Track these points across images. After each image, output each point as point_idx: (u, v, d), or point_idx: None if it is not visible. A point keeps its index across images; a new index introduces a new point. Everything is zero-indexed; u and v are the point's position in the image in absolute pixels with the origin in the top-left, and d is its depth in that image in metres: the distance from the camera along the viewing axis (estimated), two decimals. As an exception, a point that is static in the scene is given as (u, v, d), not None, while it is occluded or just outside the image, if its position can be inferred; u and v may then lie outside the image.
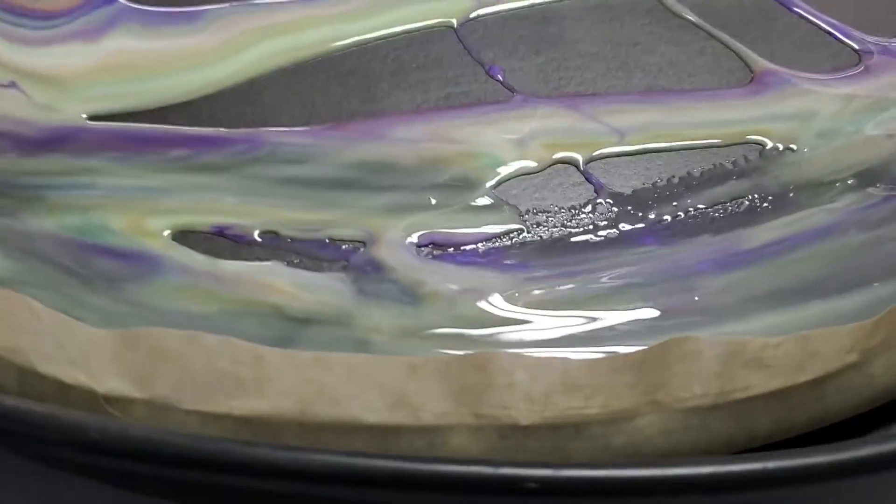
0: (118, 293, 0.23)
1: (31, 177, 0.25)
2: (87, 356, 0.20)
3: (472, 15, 0.31)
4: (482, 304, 0.23)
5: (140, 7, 0.30)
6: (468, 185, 0.26)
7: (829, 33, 0.32)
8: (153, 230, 0.24)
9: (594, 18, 0.32)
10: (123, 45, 0.29)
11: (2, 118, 0.27)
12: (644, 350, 0.21)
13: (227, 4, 0.30)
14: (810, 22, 0.32)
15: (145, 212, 0.25)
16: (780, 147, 0.28)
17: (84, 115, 0.27)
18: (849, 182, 0.27)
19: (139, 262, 0.24)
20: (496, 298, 0.24)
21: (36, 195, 0.25)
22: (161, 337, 0.20)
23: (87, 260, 0.24)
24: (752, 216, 0.26)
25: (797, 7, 0.33)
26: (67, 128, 0.27)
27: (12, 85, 0.28)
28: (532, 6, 0.32)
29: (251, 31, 0.30)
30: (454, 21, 0.31)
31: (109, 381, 0.20)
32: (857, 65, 0.31)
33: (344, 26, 0.30)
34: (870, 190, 0.27)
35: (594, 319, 0.23)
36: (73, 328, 0.20)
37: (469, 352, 0.21)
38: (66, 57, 0.28)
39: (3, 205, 0.25)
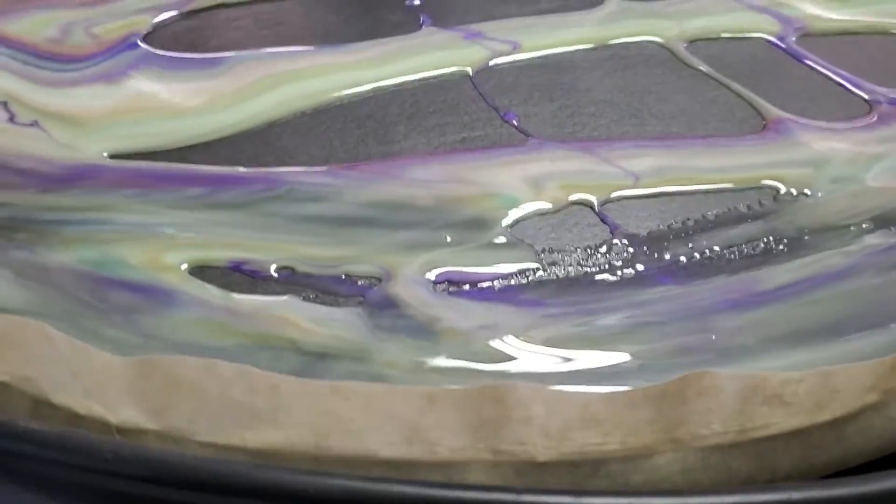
0: (134, 326, 0.23)
1: (50, 212, 0.26)
2: (101, 386, 0.20)
3: (489, 64, 0.32)
4: (498, 341, 0.23)
5: (162, 52, 0.31)
6: (484, 224, 0.26)
7: (840, 84, 0.32)
8: (170, 264, 0.24)
9: (607, 68, 0.32)
10: (144, 87, 0.30)
11: (23, 156, 0.27)
12: (663, 385, 0.20)
13: (246, 51, 0.31)
14: (821, 73, 0.33)
15: (163, 247, 0.25)
16: (795, 192, 0.28)
17: (105, 154, 0.27)
18: (864, 226, 0.27)
19: (155, 296, 0.24)
20: (512, 335, 0.23)
21: (54, 230, 0.25)
22: (176, 365, 0.20)
23: (103, 293, 0.24)
24: (767, 258, 0.26)
25: (808, 59, 0.33)
26: (87, 166, 0.27)
27: (34, 124, 0.28)
28: (546, 56, 0.33)
29: (271, 76, 0.31)
30: (470, 69, 0.32)
31: (123, 412, 0.20)
32: (868, 114, 0.31)
33: (362, 73, 0.31)
34: (885, 234, 0.27)
35: (612, 357, 0.23)
36: (89, 356, 0.20)
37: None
38: (88, 98, 0.29)
39: (22, 238, 0.25)
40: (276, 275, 0.25)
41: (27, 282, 0.24)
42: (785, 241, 0.27)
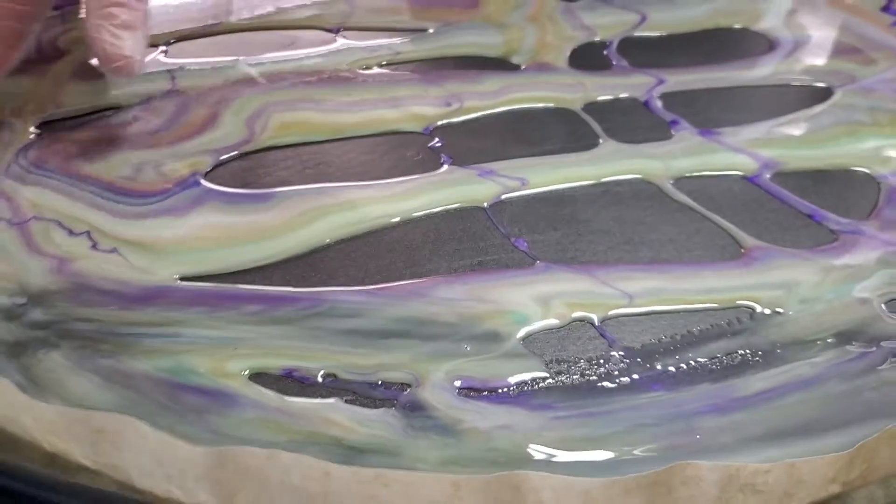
0: (204, 424, 0.27)
1: (129, 326, 0.30)
2: (182, 473, 0.24)
3: (501, 197, 0.36)
4: (514, 439, 0.27)
5: (221, 189, 0.36)
6: (499, 337, 0.30)
7: (808, 216, 0.37)
8: (233, 372, 0.28)
9: (604, 202, 0.37)
10: (208, 219, 0.34)
11: (105, 279, 0.32)
12: (653, 473, 0.24)
13: (293, 187, 0.36)
14: (791, 206, 0.37)
15: (226, 356, 0.29)
16: (768, 311, 0.32)
17: (175, 277, 0.32)
18: (829, 341, 0.31)
19: (221, 399, 0.28)
20: (526, 434, 0.27)
21: (134, 342, 0.29)
22: (245, 455, 0.24)
23: (177, 396, 0.28)
24: (744, 368, 0.30)
25: (780, 193, 0.38)
26: (160, 287, 0.31)
27: (114, 251, 0.33)
28: (550, 191, 0.37)
29: (314, 209, 0.35)
30: (485, 202, 0.36)
31: (199, 496, 0.24)
32: (833, 242, 0.35)
33: (392, 205, 0.36)
34: (847, 347, 0.31)
35: (610, 454, 0.27)
36: (174, 447, 0.24)
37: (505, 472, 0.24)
38: (160, 229, 0.34)
39: (107, 349, 0.29)
40: (322, 380, 0.29)
41: (113, 386, 0.28)
42: (760, 353, 0.30)
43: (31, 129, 0.38)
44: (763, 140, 0.41)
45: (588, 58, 0.46)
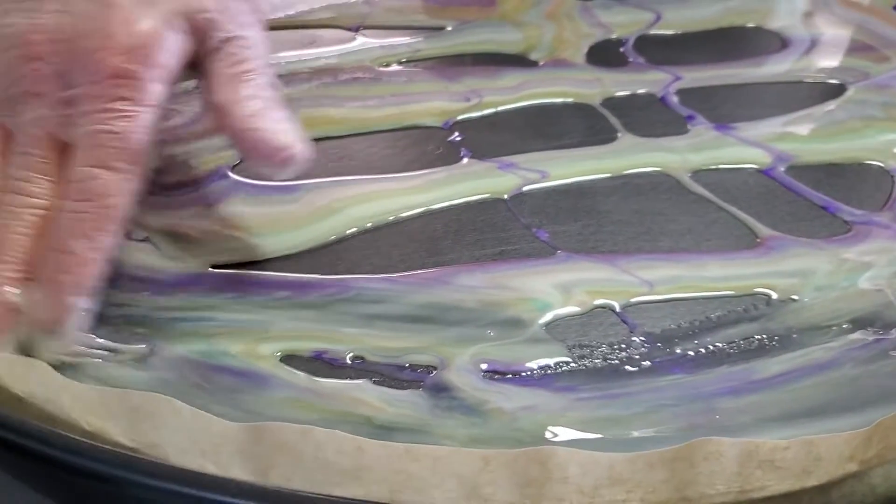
0: (236, 403, 0.28)
1: (163, 311, 0.31)
2: (217, 449, 0.25)
3: (522, 189, 0.37)
4: (538, 419, 0.28)
5: (249, 181, 0.37)
6: (522, 323, 0.31)
7: (822, 207, 0.37)
8: (264, 354, 0.29)
9: (623, 194, 0.37)
10: (236, 210, 0.35)
11: (138, 266, 0.32)
12: (675, 448, 0.25)
13: (318, 180, 0.37)
14: (806, 198, 0.38)
15: (258, 339, 0.30)
16: (784, 298, 0.33)
17: (207, 264, 0.33)
18: (844, 326, 0.31)
19: (253, 379, 0.28)
20: (550, 415, 0.28)
21: (168, 326, 0.30)
22: (280, 431, 0.25)
23: (210, 377, 0.28)
24: (762, 352, 0.30)
25: (794, 186, 0.38)
26: (192, 274, 0.32)
27: (146, 240, 0.34)
28: (570, 183, 0.38)
29: (338, 200, 0.36)
30: (505, 194, 0.37)
31: (233, 471, 0.25)
32: (847, 232, 0.36)
33: (414, 197, 0.36)
34: (862, 333, 0.31)
35: (632, 433, 0.28)
36: (209, 423, 0.25)
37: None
38: (190, 219, 0.34)
39: (141, 332, 0.30)
40: (350, 362, 0.29)
41: (148, 368, 0.29)
42: (776, 338, 0.31)
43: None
44: (777, 134, 0.41)
45: (605, 54, 0.46)
